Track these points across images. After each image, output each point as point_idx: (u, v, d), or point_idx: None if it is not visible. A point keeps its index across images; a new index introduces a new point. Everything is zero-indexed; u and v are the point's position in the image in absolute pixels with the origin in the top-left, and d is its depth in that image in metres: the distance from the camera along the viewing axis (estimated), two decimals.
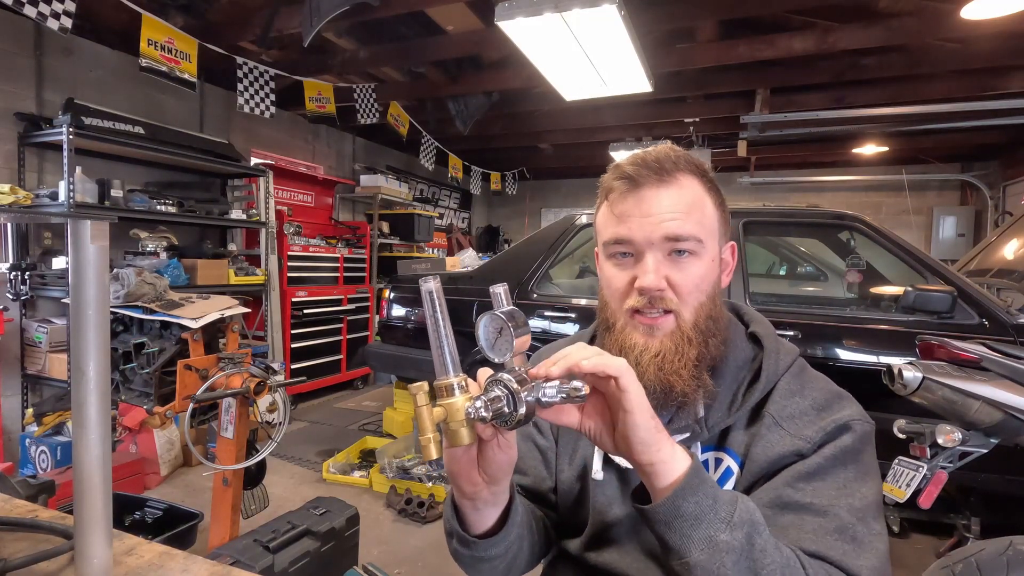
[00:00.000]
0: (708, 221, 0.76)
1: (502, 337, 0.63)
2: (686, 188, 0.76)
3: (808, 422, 0.73)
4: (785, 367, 0.79)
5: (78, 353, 0.65)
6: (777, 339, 0.82)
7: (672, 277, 0.74)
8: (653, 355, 0.73)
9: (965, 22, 3.12)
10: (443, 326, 0.60)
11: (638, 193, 0.75)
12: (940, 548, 2.65)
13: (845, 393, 0.78)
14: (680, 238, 0.73)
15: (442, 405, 0.59)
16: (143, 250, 3.74)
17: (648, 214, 0.74)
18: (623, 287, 0.76)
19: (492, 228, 9.41)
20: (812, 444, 0.71)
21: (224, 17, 3.65)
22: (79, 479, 0.66)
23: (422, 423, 0.58)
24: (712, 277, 0.77)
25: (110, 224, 0.66)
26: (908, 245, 2.78)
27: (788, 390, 0.77)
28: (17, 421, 3.38)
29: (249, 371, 2.05)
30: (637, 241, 0.74)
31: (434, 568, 2.49)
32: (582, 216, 3.40)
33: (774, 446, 0.73)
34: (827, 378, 0.81)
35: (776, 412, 0.75)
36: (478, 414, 0.57)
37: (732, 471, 0.76)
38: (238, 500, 2.17)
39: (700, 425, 0.77)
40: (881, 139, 5.92)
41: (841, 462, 0.70)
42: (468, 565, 0.78)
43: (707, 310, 0.76)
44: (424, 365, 3.54)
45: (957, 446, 1.66)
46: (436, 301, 0.60)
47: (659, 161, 0.75)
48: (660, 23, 3.46)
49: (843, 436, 0.71)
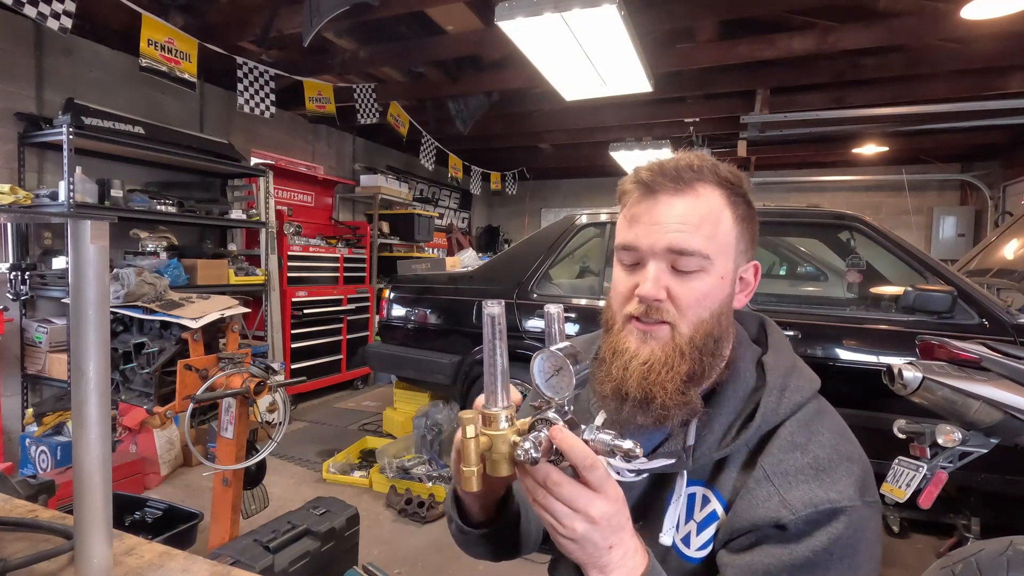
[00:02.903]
0: (722, 237, 0.72)
1: (559, 376, 0.60)
2: (702, 199, 0.72)
3: (800, 482, 0.66)
4: (791, 409, 0.71)
5: (78, 353, 0.65)
6: (789, 373, 0.74)
7: (672, 289, 0.71)
8: (641, 362, 0.71)
9: (965, 22, 3.12)
10: (500, 353, 0.58)
11: (652, 200, 0.73)
12: (940, 548, 2.66)
13: (856, 455, 0.69)
14: (685, 251, 0.70)
15: (487, 435, 0.57)
16: (143, 250, 3.74)
17: (655, 222, 0.72)
18: (625, 292, 0.75)
19: (492, 228, 9.41)
20: (796, 517, 0.64)
21: (224, 17, 3.65)
22: (79, 479, 0.66)
23: (467, 454, 0.57)
24: (719, 295, 0.72)
25: (110, 224, 0.67)
26: (908, 245, 2.78)
27: (791, 442, 0.70)
28: (17, 421, 3.38)
29: (249, 371, 2.05)
30: (641, 248, 0.72)
31: (434, 568, 2.49)
32: (582, 216, 3.40)
33: (758, 507, 0.67)
34: (844, 430, 0.72)
35: (769, 466, 0.69)
36: (528, 456, 0.55)
37: (717, 515, 0.72)
38: (238, 500, 2.17)
39: (687, 454, 0.73)
40: (881, 139, 5.92)
41: (836, 558, 0.63)
42: (463, 544, 0.85)
43: (708, 328, 0.72)
44: (424, 365, 3.54)
45: (957, 446, 1.66)
46: (497, 327, 0.58)
47: (677, 169, 0.72)
48: (660, 23, 3.46)
49: (835, 523, 0.64)
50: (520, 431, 0.58)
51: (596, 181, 8.74)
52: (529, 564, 2.13)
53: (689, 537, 0.74)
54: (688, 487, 0.75)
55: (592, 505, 0.57)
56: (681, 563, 0.74)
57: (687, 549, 0.74)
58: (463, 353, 3.39)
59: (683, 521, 0.75)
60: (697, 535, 0.73)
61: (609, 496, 0.58)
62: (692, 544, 0.74)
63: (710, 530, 0.72)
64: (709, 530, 0.72)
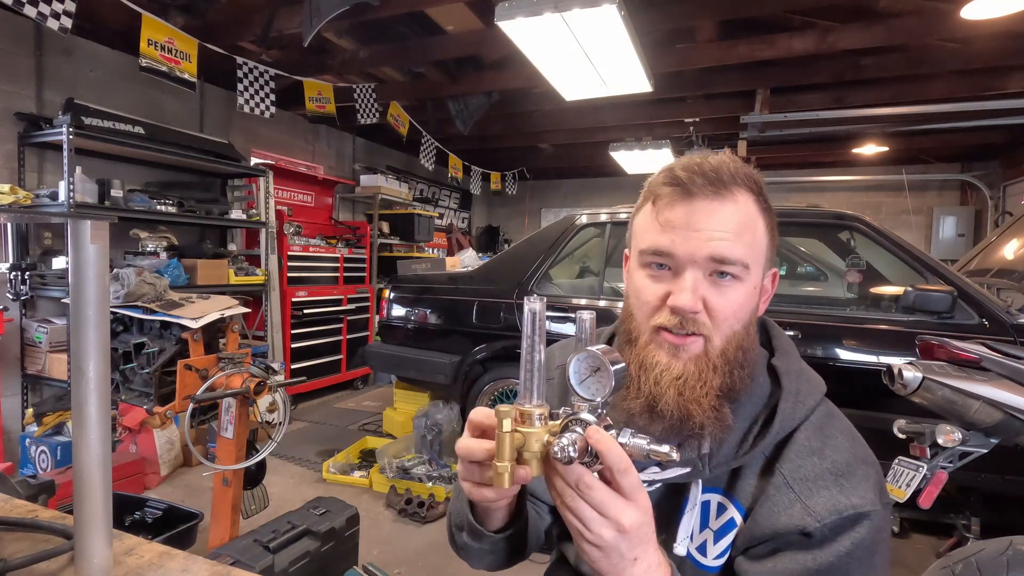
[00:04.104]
0: (758, 245, 0.70)
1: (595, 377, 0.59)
2: (741, 206, 0.69)
3: (822, 488, 0.66)
4: (805, 413, 0.71)
5: (78, 353, 0.65)
6: (800, 377, 0.74)
7: (709, 300, 0.68)
8: (675, 377, 0.68)
9: (965, 22, 3.12)
10: (539, 351, 0.57)
11: (689, 204, 0.68)
12: (940, 548, 2.66)
13: (870, 457, 0.71)
14: (727, 261, 0.67)
15: (521, 432, 0.56)
16: (143, 250, 3.73)
17: (696, 228, 0.67)
18: (654, 301, 0.70)
19: (492, 228, 9.41)
20: (821, 525, 0.64)
21: (224, 17, 3.65)
22: (79, 479, 0.66)
23: (502, 449, 0.55)
24: (751, 305, 0.71)
25: (110, 224, 0.66)
26: (908, 245, 2.78)
27: (807, 447, 0.69)
28: (17, 421, 3.38)
29: (249, 371, 2.05)
30: (679, 256, 0.68)
31: (434, 568, 2.49)
32: (582, 216, 3.40)
33: (780, 513, 0.66)
34: (854, 433, 0.73)
35: (789, 472, 0.68)
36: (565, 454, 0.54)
37: (735, 523, 0.71)
38: (238, 500, 2.17)
39: (703, 462, 0.71)
40: (881, 139, 5.92)
41: (856, 560, 0.64)
42: (472, 555, 0.80)
43: (739, 339, 0.69)
44: (424, 365, 3.54)
45: (957, 446, 1.66)
46: (537, 323, 0.57)
47: (716, 171, 0.68)
48: (660, 23, 3.46)
49: (859, 528, 0.64)
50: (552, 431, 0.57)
51: (596, 181, 8.75)
52: (529, 564, 2.13)
53: (705, 546, 0.73)
54: (702, 495, 0.74)
55: (624, 513, 0.55)
56: (697, 573, 0.73)
57: (703, 558, 0.72)
58: (463, 353, 3.39)
59: (698, 530, 0.74)
60: (714, 544, 0.72)
61: (640, 505, 0.56)
62: (709, 553, 0.72)
63: (728, 538, 0.71)
64: (727, 538, 0.71)
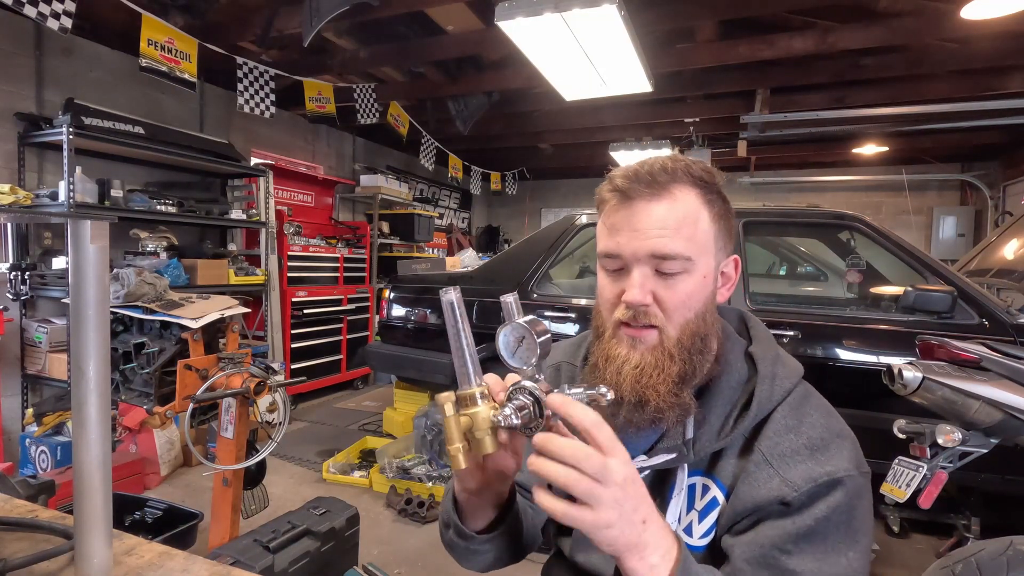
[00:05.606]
0: (701, 237, 0.74)
1: (523, 346, 0.62)
2: (679, 202, 0.73)
3: (798, 462, 0.70)
4: (782, 395, 0.75)
5: (78, 353, 0.64)
6: (776, 362, 0.78)
7: (659, 293, 0.73)
8: (633, 367, 0.73)
9: (965, 22, 3.12)
10: (465, 336, 0.60)
11: (629, 207, 0.74)
12: (940, 548, 2.66)
13: (845, 431, 0.74)
14: (668, 256, 0.72)
15: (467, 414, 0.59)
16: (143, 250, 3.73)
17: (636, 228, 0.73)
18: (612, 298, 0.76)
19: (492, 228, 9.41)
20: (799, 493, 0.68)
21: (224, 17, 3.65)
22: (79, 479, 0.66)
23: (450, 433, 0.58)
24: (703, 294, 0.75)
25: (110, 224, 0.66)
26: (908, 245, 2.78)
27: (784, 425, 0.73)
28: (17, 421, 3.38)
29: (249, 371, 2.05)
30: (625, 255, 0.74)
31: (434, 568, 2.49)
32: (582, 216, 3.40)
33: (760, 487, 0.70)
34: (830, 410, 0.77)
35: (767, 449, 0.72)
36: (508, 421, 0.57)
37: (718, 502, 0.74)
38: (238, 500, 2.17)
39: (687, 447, 0.75)
40: (881, 139, 5.92)
41: (834, 524, 0.67)
42: (460, 554, 0.82)
43: (694, 327, 0.74)
44: (424, 365, 3.54)
45: (957, 446, 1.66)
46: (457, 311, 0.60)
47: (652, 174, 0.73)
48: (660, 23, 3.46)
49: (835, 493, 0.68)
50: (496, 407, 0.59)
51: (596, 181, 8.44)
52: (529, 564, 2.13)
53: (691, 526, 0.76)
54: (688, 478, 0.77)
55: (609, 467, 0.55)
56: None
57: (689, 538, 0.76)
58: None
59: (684, 512, 0.77)
60: (699, 523, 0.76)
61: (623, 456, 0.57)
62: (695, 533, 0.76)
63: (712, 517, 0.75)
64: (711, 517, 0.75)
